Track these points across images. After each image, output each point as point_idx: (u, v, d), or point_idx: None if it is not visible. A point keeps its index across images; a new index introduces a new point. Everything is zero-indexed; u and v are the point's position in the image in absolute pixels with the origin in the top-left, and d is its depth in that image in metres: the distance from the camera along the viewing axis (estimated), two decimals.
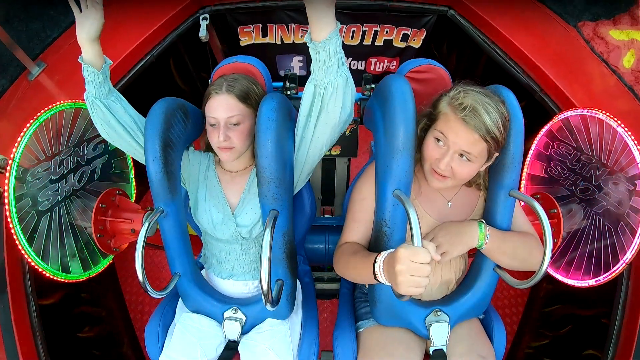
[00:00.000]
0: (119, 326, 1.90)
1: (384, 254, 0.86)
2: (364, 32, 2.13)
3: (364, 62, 2.37)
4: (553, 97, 1.49)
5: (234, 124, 1.01)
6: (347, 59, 2.37)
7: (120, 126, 1.05)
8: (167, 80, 2.08)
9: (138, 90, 1.75)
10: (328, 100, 0.89)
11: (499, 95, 0.94)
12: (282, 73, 2.42)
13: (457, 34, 1.89)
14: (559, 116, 1.39)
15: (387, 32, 2.11)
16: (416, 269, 0.71)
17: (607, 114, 1.22)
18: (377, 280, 0.86)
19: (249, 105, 1.04)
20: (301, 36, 2.16)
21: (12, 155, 1.12)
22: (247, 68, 1.15)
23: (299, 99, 1.32)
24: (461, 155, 0.91)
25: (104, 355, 1.72)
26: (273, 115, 0.92)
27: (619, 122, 1.18)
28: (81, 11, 0.93)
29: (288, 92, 1.32)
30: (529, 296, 2.00)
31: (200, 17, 1.76)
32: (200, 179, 1.14)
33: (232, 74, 1.09)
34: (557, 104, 1.49)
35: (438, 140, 0.93)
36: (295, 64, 2.40)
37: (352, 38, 2.17)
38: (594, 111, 1.26)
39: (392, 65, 2.39)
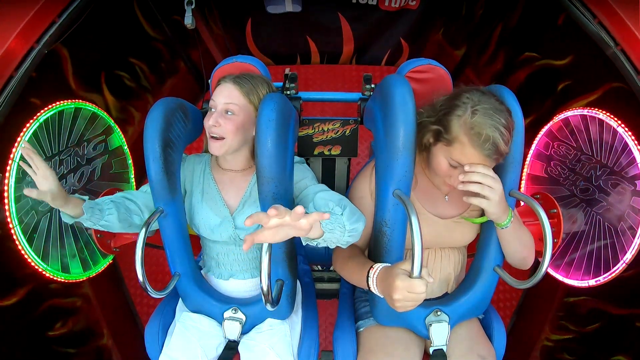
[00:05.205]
0: (97, 315, 1.68)
1: (376, 267, 0.88)
2: None
3: None
4: (632, 55, 1.18)
5: (230, 113, 1.01)
6: None
7: (131, 219, 1.06)
8: (132, 25, 1.81)
9: (94, 39, 1.53)
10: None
11: (502, 100, 0.92)
12: (270, 10, 2.11)
13: None
14: (559, 116, 1.39)
15: None
16: (412, 298, 0.76)
17: (607, 114, 1.22)
18: (370, 291, 0.89)
19: (250, 102, 1.04)
20: None
21: (11, 156, 1.12)
22: (247, 68, 1.15)
23: (299, 99, 1.33)
24: None
25: (81, 352, 1.56)
26: (273, 115, 0.92)
27: (619, 122, 1.18)
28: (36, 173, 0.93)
29: (288, 92, 1.32)
30: (524, 291, 1.95)
31: (185, 2, 1.55)
32: (195, 183, 1.13)
33: (242, 72, 1.10)
34: (636, 65, 1.18)
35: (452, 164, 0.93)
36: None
37: None
38: (594, 111, 1.26)
39: (413, 1, 1.97)
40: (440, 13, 2.17)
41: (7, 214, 1.11)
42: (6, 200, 1.11)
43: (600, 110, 1.24)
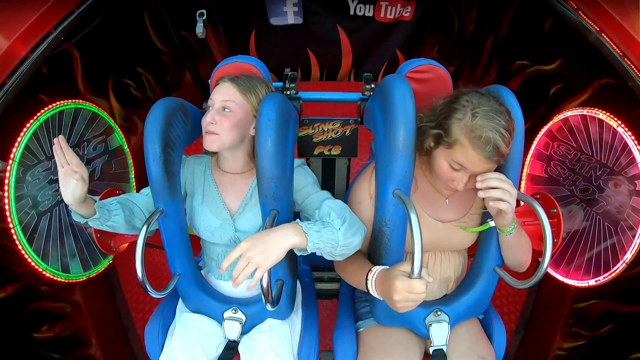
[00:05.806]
0: (87, 323, 1.64)
1: (375, 270, 0.89)
2: None
3: (372, 6, 2.02)
4: (613, 38, 1.22)
5: (227, 110, 1.01)
6: (352, 1, 2.04)
7: (133, 222, 1.08)
8: (141, 36, 1.84)
9: (105, 43, 1.56)
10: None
11: (501, 101, 0.92)
12: (274, 22, 2.13)
13: None
14: (559, 116, 1.39)
15: None
16: (412, 298, 0.77)
17: (607, 113, 1.22)
18: (370, 293, 0.90)
19: (248, 100, 1.04)
20: None
21: (12, 155, 1.12)
22: (247, 68, 1.15)
23: (299, 99, 1.33)
24: None
25: (66, 359, 1.52)
26: (273, 115, 0.92)
27: (619, 122, 1.18)
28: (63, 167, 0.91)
29: (288, 92, 1.32)
30: (527, 294, 1.94)
31: (197, 13, 1.61)
32: (196, 184, 1.13)
33: (242, 73, 1.10)
34: (619, 47, 1.21)
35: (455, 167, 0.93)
36: (290, 9, 2.02)
37: None
38: (594, 111, 1.26)
39: (406, 12, 2.01)
40: (433, 24, 2.22)
41: (7, 214, 1.12)
42: (6, 201, 1.11)
43: (600, 110, 1.24)
